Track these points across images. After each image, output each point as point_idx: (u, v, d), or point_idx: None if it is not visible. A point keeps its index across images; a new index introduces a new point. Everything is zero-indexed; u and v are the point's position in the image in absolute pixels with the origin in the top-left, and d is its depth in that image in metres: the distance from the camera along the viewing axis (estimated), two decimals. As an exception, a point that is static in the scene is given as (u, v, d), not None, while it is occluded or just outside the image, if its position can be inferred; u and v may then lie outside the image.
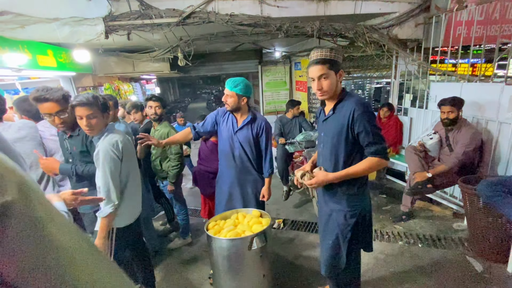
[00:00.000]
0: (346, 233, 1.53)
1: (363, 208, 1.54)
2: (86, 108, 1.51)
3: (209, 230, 1.88)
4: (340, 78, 1.41)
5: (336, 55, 1.36)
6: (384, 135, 3.82)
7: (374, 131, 1.37)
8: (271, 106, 6.32)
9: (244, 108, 2.01)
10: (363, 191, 1.53)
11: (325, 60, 1.35)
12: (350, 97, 1.43)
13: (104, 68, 4.47)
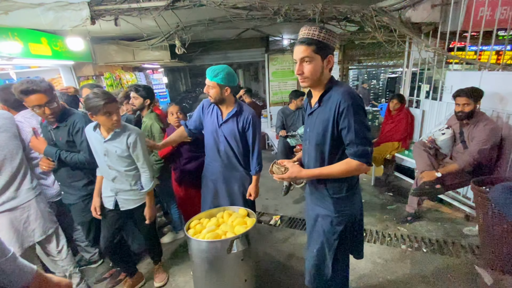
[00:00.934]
0: (332, 242, 1.37)
1: (351, 214, 1.36)
2: (115, 104, 1.68)
3: (190, 229, 1.77)
4: (329, 65, 1.20)
5: (326, 36, 1.14)
6: (394, 129, 3.57)
7: (359, 129, 1.16)
8: (278, 97, 6.11)
9: (229, 99, 1.85)
10: (352, 194, 1.35)
11: (311, 41, 1.14)
12: (338, 87, 1.22)
13: (104, 57, 4.40)
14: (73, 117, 1.86)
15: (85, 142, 1.85)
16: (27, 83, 1.60)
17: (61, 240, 2.03)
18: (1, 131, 1.68)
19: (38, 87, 1.63)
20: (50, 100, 1.69)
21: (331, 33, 1.15)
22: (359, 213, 1.41)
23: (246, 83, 12.16)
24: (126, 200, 1.90)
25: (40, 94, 1.64)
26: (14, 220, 1.74)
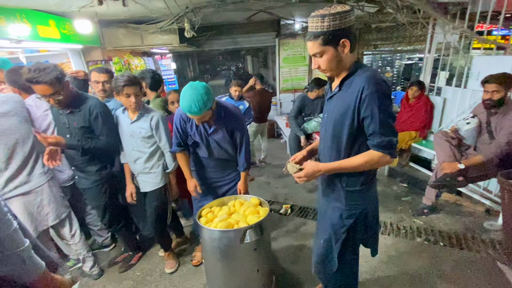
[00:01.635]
0: (340, 235, 1.30)
1: (364, 208, 1.27)
2: (134, 88, 1.74)
3: (201, 217, 1.74)
4: (345, 50, 1.07)
5: (332, 23, 1.02)
6: (411, 118, 3.42)
7: (384, 119, 1.05)
8: (288, 84, 5.95)
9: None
10: (367, 189, 1.26)
11: (317, 34, 1.05)
12: (363, 71, 1.10)
13: (113, 41, 4.32)
14: (88, 103, 1.81)
15: (106, 127, 1.83)
16: (34, 71, 1.51)
17: (74, 224, 2.04)
18: (11, 115, 1.65)
19: (43, 78, 1.52)
20: (55, 92, 1.61)
21: (337, 16, 1.01)
22: (372, 208, 1.32)
23: (255, 70, 11.91)
24: (144, 182, 1.99)
25: (45, 86, 1.55)
26: (28, 204, 1.74)
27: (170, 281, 2.08)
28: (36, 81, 1.51)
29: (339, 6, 1.03)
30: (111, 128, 1.89)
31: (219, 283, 1.75)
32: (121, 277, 2.16)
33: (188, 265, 2.24)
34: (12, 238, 0.70)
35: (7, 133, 1.61)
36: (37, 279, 0.78)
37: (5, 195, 1.65)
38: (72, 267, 2.26)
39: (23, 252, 0.74)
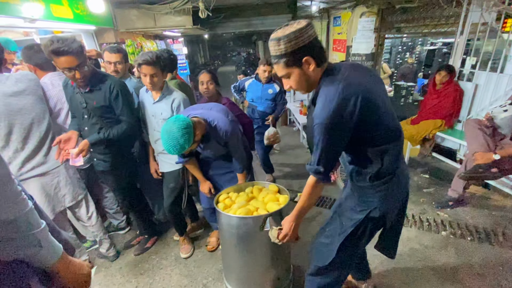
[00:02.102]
0: (346, 227, 1.23)
1: (378, 207, 1.17)
2: (151, 67, 1.67)
3: (219, 202, 1.69)
4: (310, 67, 1.01)
5: (288, 45, 0.97)
6: (438, 105, 3.21)
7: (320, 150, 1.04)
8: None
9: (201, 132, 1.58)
10: (380, 185, 1.14)
11: (278, 58, 1.01)
12: (324, 88, 1.02)
13: (125, 23, 4.22)
14: (108, 82, 1.73)
15: (126, 107, 1.77)
16: (57, 42, 1.44)
17: (90, 206, 2.03)
18: (26, 94, 1.60)
19: (70, 48, 1.46)
20: (81, 64, 1.55)
21: (291, 36, 0.96)
22: (391, 209, 1.20)
23: (267, 56, 11.63)
24: (163, 162, 1.98)
25: (71, 57, 1.48)
26: (45, 185, 1.73)
27: (185, 266, 2.07)
28: (63, 51, 1.44)
29: (295, 23, 0.97)
30: (131, 108, 1.83)
31: (236, 269, 1.71)
32: (137, 260, 2.17)
33: (203, 250, 2.22)
34: (27, 219, 0.65)
35: (22, 112, 1.57)
36: (55, 262, 0.73)
37: (22, 176, 1.63)
38: (89, 248, 2.28)
39: (40, 234, 0.68)
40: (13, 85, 1.55)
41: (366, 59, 4.41)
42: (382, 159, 1.09)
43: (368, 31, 4.30)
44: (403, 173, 1.19)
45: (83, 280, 0.82)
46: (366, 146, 1.09)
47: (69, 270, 0.77)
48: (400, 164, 1.16)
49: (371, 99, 0.98)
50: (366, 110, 0.97)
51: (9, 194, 0.61)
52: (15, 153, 1.59)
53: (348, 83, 0.98)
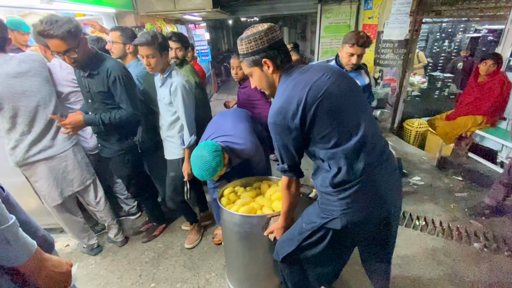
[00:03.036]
0: (304, 229, 1.14)
1: (337, 219, 1.03)
2: (146, 48, 1.56)
3: (223, 196, 1.58)
4: (269, 69, 1.04)
5: (248, 45, 1.02)
6: (480, 99, 2.82)
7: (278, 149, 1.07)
8: (329, 56, 5.38)
9: None
10: (340, 193, 1.01)
11: (242, 56, 1.07)
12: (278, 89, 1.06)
13: (145, 6, 4.15)
14: (105, 65, 1.62)
15: (125, 94, 1.65)
16: (45, 24, 1.34)
17: (99, 191, 2.03)
18: (30, 75, 1.57)
19: (55, 31, 1.34)
20: (70, 49, 1.43)
21: (251, 38, 1.00)
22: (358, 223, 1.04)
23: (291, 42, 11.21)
24: (166, 149, 1.93)
25: (58, 40, 1.37)
26: (52, 169, 1.72)
27: (190, 258, 2.02)
28: (48, 35, 1.34)
29: (259, 26, 1.01)
30: (132, 95, 1.69)
31: (238, 267, 1.63)
32: (144, 247, 2.16)
33: (210, 242, 2.16)
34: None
35: (26, 94, 1.54)
36: (27, 261, 0.67)
37: (30, 159, 1.63)
38: (100, 231, 2.31)
39: (7, 230, 0.62)
40: (17, 66, 1.51)
41: (398, 46, 4.01)
42: (337, 163, 0.99)
43: (403, 14, 3.88)
44: (375, 183, 1.01)
45: (61, 279, 0.75)
46: (317, 148, 1.02)
47: (44, 269, 0.71)
48: (368, 172, 0.98)
49: (320, 99, 0.94)
50: (312, 110, 0.94)
51: None
52: (22, 135, 1.59)
53: (294, 84, 0.98)
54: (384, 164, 1.03)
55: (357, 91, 1.06)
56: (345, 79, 1.03)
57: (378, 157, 1.01)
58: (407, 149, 3.69)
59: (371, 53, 4.39)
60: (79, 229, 1.98)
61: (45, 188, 1.73)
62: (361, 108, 1.04)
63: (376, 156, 1.01)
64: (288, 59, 1.05)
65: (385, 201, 1.04)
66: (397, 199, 1.11)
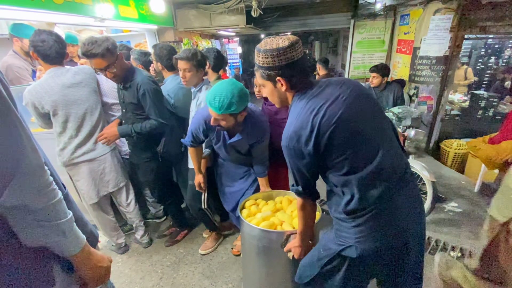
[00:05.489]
0: (323, 255, 1.09)
1: (353, 247, 0.98)
2: (185, 62, 1.73)
3: (244, 208, 1.61)
4: (282, 88, 1.01)
5: (264, 60, 0.97)
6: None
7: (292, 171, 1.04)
8: (360, 71, 5.29)
9: (242, 119, 1.53)
10: (354, 220, 0.97)
11: (257, 66, 1.03)
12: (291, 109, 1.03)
13: (184, 22, 4.46)
14: (136, 79, 1.78)
15: (153, 106, 1.79)
16: (87, 45, 1.53)
17: (130, 194, 2.17)
18: (82, 86, 1.77)
19: (96, 50, 1.54)
20: (110, 64, 1.61)
21: (268, 53, 0.95)
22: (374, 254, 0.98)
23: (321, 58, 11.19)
24: (190, 159, 1.96)
25: (99, 59, 1.57)
26: (92, 170, 1.89)
27: (208, 266, 2.05)
28: (90, 54, 1.53)
29: (280, 40, 0.95)
30: (159, 106, 1.84)
31: (254, 281, 1.62)
32: (166, 250, 2.24)
33: (229, 252, 2.18)
34: (54, 208, 0.67)
35: (77, 102, 1.74)
36: (77, 253, 0.75)
37: (75, 160, 1.81)
38: (128, 231, 2.45)
39: (65, 224, 0.70)
40: (71, 78, 1.72)
41: (436, 63, 3.82)
42: (350, 190, 0.95)
43: (442, 30, 3.71)
44: (393, 209, 0.95)
45: (102, 272, 0.83)
46: (330, 173, 0.99)
47: (89, 262, 0.78)
48: (385, 198, 0.94)
49: (334, 126, 0.90)
50: (326, 138, 0.91)
51: (40, 184, 0.63)
52: (70, 139, 1.78)
53: (308, 108, 0.94)
54: (404, 189, 0.97)
55: (377, 111, 1.00)
56: (364, 99, 0.97)
57: (397, 182, 0.96)
58: (444, 172, 3.43)
59: (406, 69, 4.23)
60: (110, 228, 2.13)
61: (84, 187, 1.89)
62: (381, 132, 0.98)
63: (394, 181, 0.95)
64: (305, 78, 1.00)
65: (404, 228, 0.98)
66: (418, 226, 1.03)
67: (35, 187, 0.62)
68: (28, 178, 0.60)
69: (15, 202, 0.58)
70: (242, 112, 1.45)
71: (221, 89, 1.36)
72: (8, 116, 0.58)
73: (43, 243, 0.67)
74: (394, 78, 4.50)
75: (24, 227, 0.62)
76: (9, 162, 0.57)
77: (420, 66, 3.97)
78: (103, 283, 0.86)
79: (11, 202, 0.58)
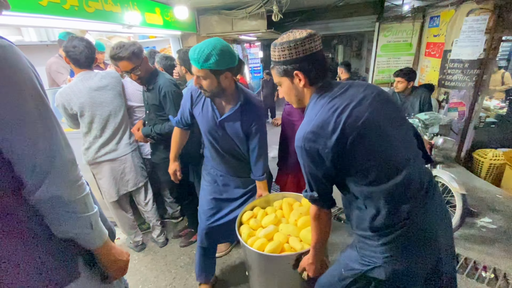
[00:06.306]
0: (345, 276, 1.00)
1: (381, 268, 0.90)
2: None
3: (243, 224, 1.47)
4: (300, 83, 0.93)
5: (281, 53, 0.91)
6: None
7: (305, 175, 0.96)
8: (385, 76, 5.09)
9: (230, 89, 1.35)
10: (382, 237, 0.88)
11: (273, 63, 0.98)
12: (308, 108, 0.96)
13: (207, 28, 4.57)
14: (158, 81, 1.85)
15: (173, 107, 1.85)
16: (115, 49, 1.65)
17: (148, 194, 2.24)
18: (108, 89, 1.86)
19: (123, 54, 1.64)
20: (135, 67, 1.71)
21: (285, 45, 0.89)
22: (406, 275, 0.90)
23: (345, 60, 10.93)
24: None
25: (126, 61, 1.67)
26: (113, 169, 1.97)
27: (221, 270, 2.05)
28: (118, 57, 1.63)
29: (298, 32, 0.89)
30: (179, 108, 1.85)
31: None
32: (181, 251, 2.27)
33: (242, 256, 2.16)
34: (84, 202, 0.71)
35: (103, 105, 1.83)
36: (100, 246, 0.78)
37: (98, 159, 1.90)
38: (145, 230, 2.52)
39: (92, 217, 0.74)
40: (98, 81, 1.82)
41: (469, 67, 3.58)
42: (375, 204, 0.85)
43: (476, 32, 3.48)
44: (422, 225, 0.87)
45: (122, 266, 0.86)
46: (350, 182, 0.90)
47: (110, 255, 0.82)
48: (414, 213, 0.86)
49: (360, 129, 0.83)
50: (349, 141, 0.83)
51: (72, 177, 0.68)
52: (95, 139, 1.87)
53: (330, 106, 0.87)
54: (430, 202, 0.89)
55: (402, 119, 0.94)
56: (388, 105, 0.91)
57: (424, 195, 0.88)
58: (477, 184, 3.17)
59: (435, 73, 4.00)
60: (129, 226, 2.20)
61: (106, 185, 1.98)
62: (409, 141, 0.92)
63: (422, 193, 0.88)
64: (324, 74, 0.93)
65: (436, 244, 0.90)
66: (449, 240, 0.95)
67: (68, 180, 0.66)
68: (63, 172, 0.65)
69: (51, 194, 0.63)
70: (226, 73, 1.27)
71: (204, 42, 1.22)
72: (49, 118, 0.65)
73: (72, 235, 0.71)
74: (422, 82, 4.27)
75: (56, 219, 0.67)
76: (49, 158, 0.63)
77: (451, 70, 3.73)
78: (122, 276, 0.89)
79: (48, 194, 0.63)
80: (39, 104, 0.63)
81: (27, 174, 0.61)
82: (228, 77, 1.30)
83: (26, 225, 0.65)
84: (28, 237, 0.65)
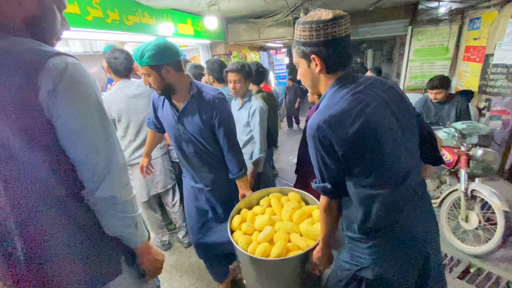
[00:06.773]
0: (341, 276, 1.02)
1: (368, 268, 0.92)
2: (235, 74, 1.88)
3: (235, 232, 1.37)
4: (316, 68, 0.87)
5: (302, 33, 0.84)
6: None
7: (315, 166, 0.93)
8: (418, 81, 4.85)
9: (179, 82, 1.31)
10: (369, 240, 0.90)
11: (294, 44, 0.92)
12: (325, 98, 0.89)
13: (234, 36, 4.71)
14: None
15: None
16: None
17: (176, 195, 2.34)
18: (143, 97, 2.00)
19: None
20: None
21: (306, 26, 0.82)
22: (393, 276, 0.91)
23: (376, 65, 10.54)
24: None
25: None
26: (144, 171, 2.09)
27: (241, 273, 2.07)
28: None
29: (325, 12, 0.81)
30: None
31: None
32: (204, 253, 2.33)
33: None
34: (132, 203, 0.78)
35: (138, 111, 1.96)
36: (142, 245, 0.84)
37: (132, 161, 2.04)
38: (171, 230, 2.63)
39: (137, 217, 0.80)
40: (135, 89, 1.95)
41: (515, 72, 3.29)
42: (368, 207, 0.87)
43: (523, 34, 3.20)
44: (410, 227, 0.89)
45: (158, 265, 0.92)
46: (349, 181, 0.89)
47: (149, 255, 0.88)
48: (403, 217, 0.88)
49: (378, 130, 0.81)
50: (366, 138, 0.80)
51: (125, 180, 0.75)
52: (129, 143, 2.01)
53: (352, 99, 0.81)
54: (421, 206, 0.93)
55: (415, 126, 0.94)
56: (407, 112, 0.90)
57: (416, 203, 0.91)
58: (523, 200, 2.88)
59: (475, 79, 3.72)
60: (157, 225, 2.32)
61: (137, 186, 2.11)
62: (413, 150, 0.92)
63: (416, 200, 0.91)
64: (345, 63, 0.86)
65: (423, 246, 0.92)
66: (434, 243, 0.98)
67: (122, 183, 0.73)
68: (118, 174, 0.72)
69: (107, 195, 0.70)
70: (165, 67, 1.23)
71: (144, 43, 1.23)
72: (108, 128, 0.72)
73: (119, 233, 0.78)
74: (459, 89, 4.00)
75: (109, 217, 0.74)
76: (107, 163, 0.70)
77: (494, 76, 3.45)
78: (158, 275, 0.95)
79: (104, 195, 0.70)
80: (101, 115, 0.70)
81: (88, 178, 0.68)
82: (171, 72, 1.26)
83: (84, 223, 0.72)
84: (85, 233, 0.73)
